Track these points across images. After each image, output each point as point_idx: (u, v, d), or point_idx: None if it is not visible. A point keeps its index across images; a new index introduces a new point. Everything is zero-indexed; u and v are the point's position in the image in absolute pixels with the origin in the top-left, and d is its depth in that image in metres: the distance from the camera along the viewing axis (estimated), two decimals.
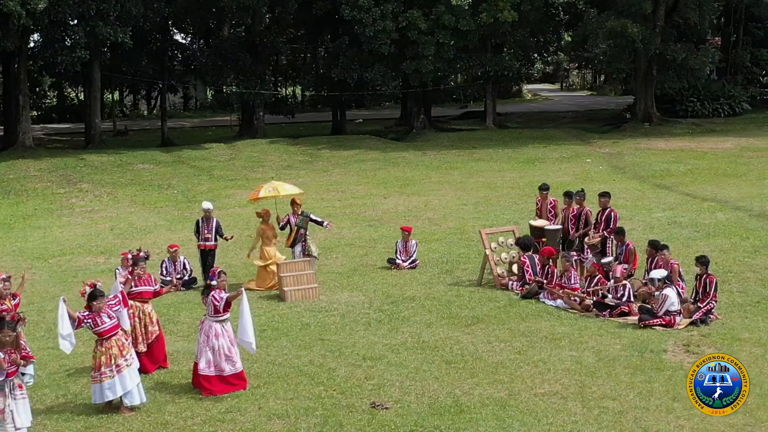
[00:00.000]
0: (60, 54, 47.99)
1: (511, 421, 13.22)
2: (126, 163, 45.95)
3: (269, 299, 20.86)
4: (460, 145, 48.97)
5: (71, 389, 15.22)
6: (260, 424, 13.41)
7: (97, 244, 27.87)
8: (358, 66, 52.74)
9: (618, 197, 30.73)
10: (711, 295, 17.64)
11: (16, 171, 43.68)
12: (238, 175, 42.20)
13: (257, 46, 54.79)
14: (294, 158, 46.94)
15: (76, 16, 47.07)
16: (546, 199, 22.07)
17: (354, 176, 40.34)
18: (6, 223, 32.52)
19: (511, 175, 37.03)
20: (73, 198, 37.11)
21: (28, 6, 43.26)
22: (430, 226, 28.40)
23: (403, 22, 50.55)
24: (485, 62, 54.81)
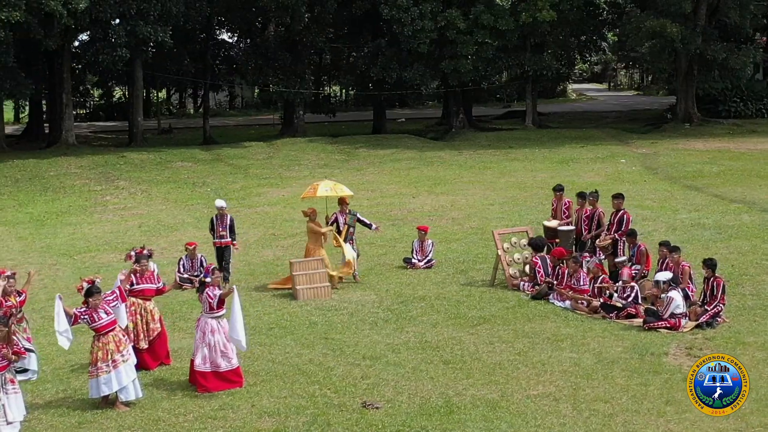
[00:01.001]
0: (101, 53, 48.58)
1: (499, 422, 13.20)
2: (165, 161, 46.41)
3: (282, 297, 20.96)
4: (497, 145, 48.82)
5: (72, 384, 15.43)
6: (250, 422, 13.52)
7: (123, 241, 28.16)
8: (397, 65, 52.80)
9: (645, 198, 30.70)
10: (718, 298, 17.46)
11: (57, 168, 44.31)
12: (273, 173, 42.43)
13: (297, 46, 55.02)
14: (331, 157, 47.10)
15: (117, 16, 47.61)
16: (561, 199, 21.99)
17: (387, 175, 40.39)
18: (39, 219, 33.00)
19: (543, 175, 36.85)
20: (108, 195, 37.56)
21: (70, 6, 43.86)
22: (452, 225, 28.39)
23: (442, 22, 50.48)
24: (524, 62, 54.60)
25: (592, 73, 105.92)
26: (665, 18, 48.55)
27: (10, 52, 45.15)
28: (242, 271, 23.74)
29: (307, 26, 52.66)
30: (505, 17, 50.32)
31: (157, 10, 48.63)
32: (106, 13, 46.86)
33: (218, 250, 23.00)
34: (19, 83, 48.03)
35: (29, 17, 43.59)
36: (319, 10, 53.03)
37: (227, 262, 23.06)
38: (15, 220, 32.94)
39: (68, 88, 52.02)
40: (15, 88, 47.97)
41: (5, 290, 15.70)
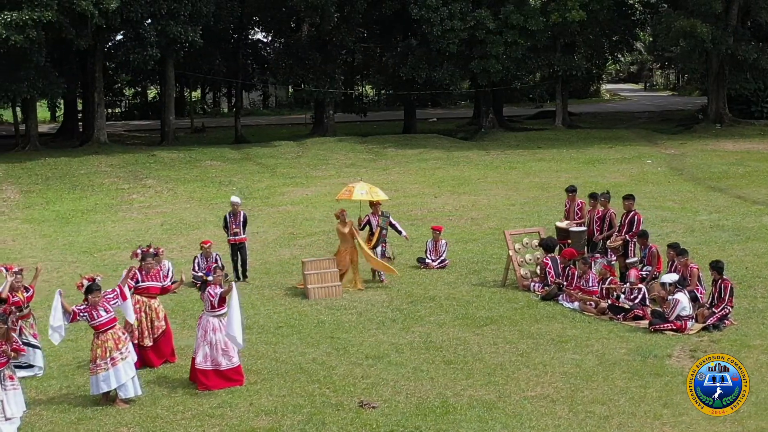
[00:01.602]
0: (132, 52, 49.01)
1: (494, 423, 13.20)
2: (195, 160, 46.73)
3: (293, 296, 21.04)
4: (525, 145, 48.72)
5: (76, 381, 15.58)
6: (246, 420, 13.60)
7: (144, 238, 28.23)
8: (426, 65, 52.84)
9: (667, 199, 30.53)
10: (726, 300, 17.33)
11: (87, 166, 44.77)
12: (300, 173, 42.56)
13: (327, 45, 55.17)
14: (359, 156, 47.19)
15: (148, 15, 47.97)
16: (574, 200, 21.90)
17: (412, 175, 40.42)
18: (65, 217, 33.33)
19: (567, 175, 36.66)
20: (134, 194, 37.87)
21: (101, 5, 44.28)
22: (470, 225, 28.37)
23: (472, 22, 50.44)
24: (554, 62, 54.38)
25: (629, 74, 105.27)
26: (696, 18, 48.15)
27: (42, 51, 45.61)
28: (258, 270, 23.83)
29: (337, 26, 52.75)
30: (534, 17, 50.20)
31: (187, 9, 49.03)
32: (137, 13, 47.30)
33: (233, 247, 23.14)
34: (51, 82, 48.50)
35: (61, 17, 44.11)
36: (349, 9, 53.17)
37: (244, 261, 23.21)
38: (41, 218, 33.31)
39: (100, 87, 52.58)
40: (47, 87, 48.42)
41: (12, 286, 15.91)
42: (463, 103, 78.78)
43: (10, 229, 31.53)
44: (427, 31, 50.83)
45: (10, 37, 42.90)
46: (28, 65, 46.34)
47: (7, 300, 15.77)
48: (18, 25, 42.91)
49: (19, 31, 43.04)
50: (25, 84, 47.09)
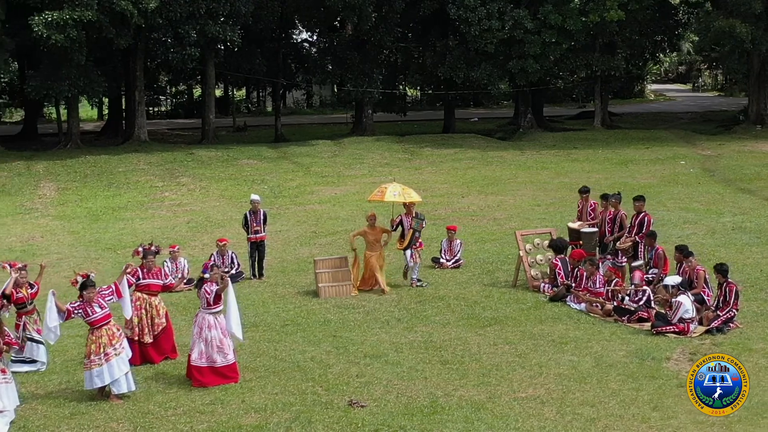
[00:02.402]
0: (171, 51, 49.51)
1: (480, 424, 13.16)
2: (232, 159, 47.04)
3: (305, 294, 21.16)
4: (562, 145, 48.47)
5: (77, 377, 15.71)
6: (235, 417, 13.68)
7: (169, 236, 28.67)
8: (464, 65, 52.77)
9: (694, 200, 30.29)
10: (731, 303, 17.14)
11: (126, 164, 45.29)
12: (334, 171, 42.71)
13: (365, 45, 55.29)
14: (394, 156, 47.22)
15: (187, 15, 48.36)
16: (587, 201, 21.78)
17: (443, 174, 40.42)
18: (95, 214, 33.78)
19: (598, 176, 36.47)
20: (167, 191, 38.25)
21: (140, 5, 44.77)
22: (492, 225, 28.30)
23: (509, 22, 50.23)
24: (592, 62, 54.00)
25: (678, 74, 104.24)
26: (735, 18, 47.55)
27: (83, 50, 46.15)
28: (274, 268, 24.00)
29: (375, 25, 52.83)
30: (573, 17, 49.85)
31: (226, 9, 49.40)
32: (176, 13, 47.69)
33: (252, 245, 23.31)
34: (92, 81, 49.09)
35: (101, 16, 44.63)
36: (387, 9, 53.25)
37: (261, 259, 23.38)
38: (73, 215, 33.80)
39: (141, 86, 53.16)
40: (88, 85, 49.02)
41: (17, 282, 16.17)
42: (506, 103, 78.54)
43: (41, 225, 32.03)
44: (465, 30, 50.78)
45: (51, 36, 43.61)
46: (70, 64, 47.00)
47: (11, 296, 16.06)
48: (59, 24, 43.59)
49: (60, 31, 43.71)
50: (67, 83, 47.77)
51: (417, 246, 21.29)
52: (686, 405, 13.55)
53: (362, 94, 54.98)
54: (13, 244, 28.88)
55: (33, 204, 36.53)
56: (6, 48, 47.24)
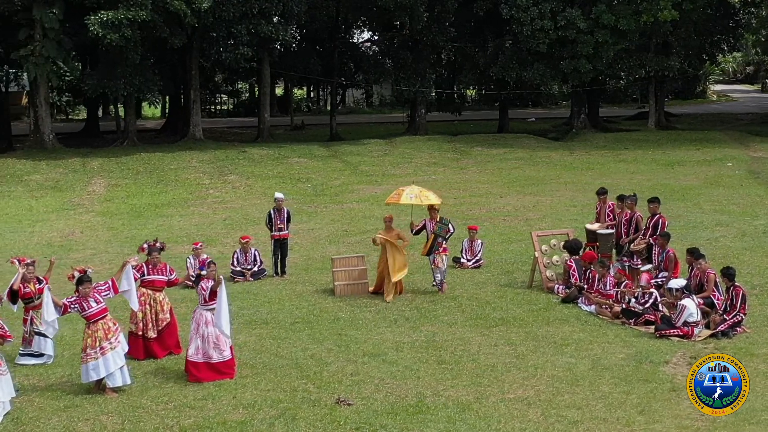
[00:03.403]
0: (225, 51, 50.03)
1: (461, 424, 13.17)
2: (283, 157, 47.34)
3: (322, 293, 21.29)
4: (612, 146, 47.99)
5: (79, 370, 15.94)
6: (223, 413, 13.83)
7: (203, 233, 29.05)
8: (516, 65, 52.53)
9: (731, 202, 29.88)
10: (738, 307, 16.89)
11: (178, 162, 45.79)
12: (380, 171, 42.81)
13: (418, 45, 55.33)
14: (443, 155, 47.14)
15: (240, 15, 48.80)
16: (605, 203, 21.58)
17: (486, 174, 40.31)
18: (138, 210, 34.30)
19: (640, 177, 36.11)
20: (212, 189, 38.65)
21: (193, 5, 45.32)
22: (522, 226, 28.13)
23: (562, 21, 49.88)
24: (646, 62, 53.37)
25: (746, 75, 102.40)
26: None
27: (138, 50, 46.82)
28: (299, 266, 24.18)
29: (428, 25, 52.83)
30: (626, 17, 49.33)
31: (278, 9, 49.78)
32: (228, 12, 48.15)
33: (276, 243, 23.47)
34: (147, 80, 49.81)
35: (155, 16, 45.22)
36: (440, 9, 53.22)
37: (284, 256, 23.58)
38: (116, 211, 34.34)
39: (196, 84, 53.72)
40: (143, 84, 49.73)
41: (25, 277, 16.54)
42: (564, 104, 77.92)
43: (83, 221, 32.60)
44: (517, 30, 50.57)
45: (107, 35, 44.30)
46: (125, 63, 47.77)
47: (18, 291, 16.43)
48: (114, 24, 44.23)
49: (115, 30, 44.36)
50: (122, 81, 48.52)
51: (440, 251, 20.57)
52: (674, 409, 13.50)
53: (415, 93, 55.03)
54: (53, 239, 29.46)
55: (81, 200, 37.17)
56: (64, 47, 48.08)
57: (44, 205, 36.19)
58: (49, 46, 47.31)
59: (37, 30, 47.39)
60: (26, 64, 48.02)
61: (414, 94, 55.14)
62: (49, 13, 46.59)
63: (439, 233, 20.56)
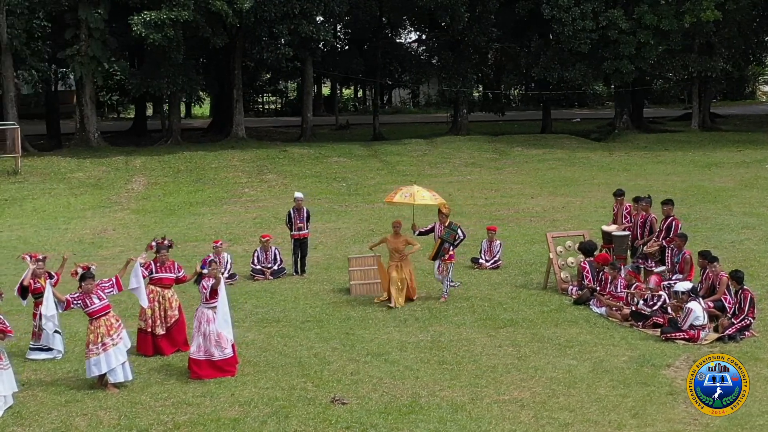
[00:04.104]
0: (266, 51, 50.38)
1: (452, 425, 13.15)
2: (323, 156, 47.55)
3: (338, 292, 21.37)
4: (653, 147, 47.62)
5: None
6: (218, 410, 13.92)
7: (231, 231, 29.30)
8: (558, 65, 52.28)
9: (762, 205, 29.67)
10: (746, 311, 16.70)
11: (219, 161, 46.20)
12: (417, 171, 42.78)
13: (459, 45, 55.29)
14: (483, 155, 47.07)
15: (281, 15, 49.10)
16: (621, 204, 21.41)
17: (521, 175, 40.18)
18: (172, 208, 34.67)
19: (676, 178, 35.80)
20: (248, 188, 38.95)
21: (235, 5, 45.69)
22: (547, 227, 27.89)
23: (604, 22, 49.56)
24: (689, 63, 52.80)
25: None
26: None
27: (180, 49, 47.33)
28: (320, 265, 24.30)
29: (469, 25, 52.77)
30: (668, 17, 48.86)
31: (320, 9, 50.03)
32: (270, 12, 48.48)
33: (296, 242, 23.65)
34: (190, 79, 50.36)
35: (197, 16, 45.66)
36: (481, 9, 53.14)
37: (304, 256, 23.74)
38: (151, 209, 34.75)
39: (239, 84, 54.15)
40: (186, 84, 50.26)
41: (35, 273, 16.82)
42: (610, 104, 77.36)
43: (117, 218, 33.04)
44: (559, 31, 50.33)
45: (149, 35, 44.85)
46: (168, 62, 48.33)
47: (29, 287, 16.72)
48: (156, 24, 44.77)
49: (158, 30, 44.90)
50: (165, 81, 49.13)
51: (446, 258, 20.01)
52: (668, 413, 13.40)
53: (457, 93, 55.01)
54: (85, 236, 29.90)
55: (119, 198, 37.65)
56: (109, 47, 48.73)
57: (82, 203, 36.71)
58: (95, 46, 48.06)
59: (82, 30, 48.19)
60: (72, 64, 48.80)
61: (456, 94, 55.12)
62: (95, 13, 47.32)
63: (446, 239, 20.01)
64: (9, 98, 48.34)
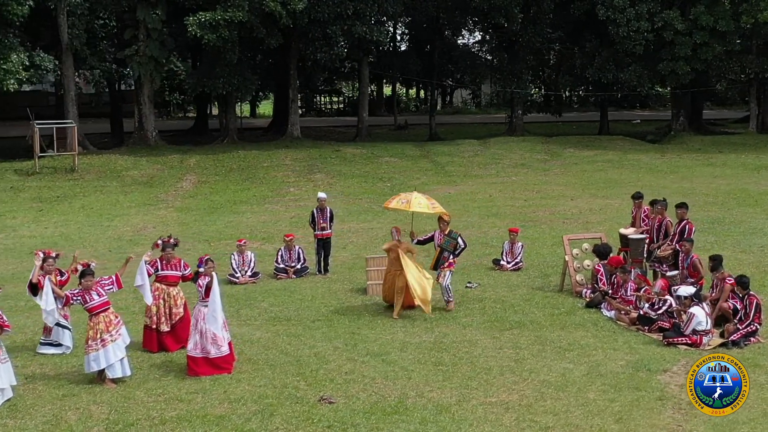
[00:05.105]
0: (319, 51, 50.70)
1: (432, 425, 13.12)
2: (375, 156, 47.73)
3: (355, 291, 21.46)
4: (707, 149, 46.97)
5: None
6: (207, 407, 14.05)
7: (265, 230, 29.56)
8: (613, 66, 51.77)
9: None
10: (752, 317, 16.44)
11: (272, 160, 46.65)
12: (464, 171, 42.82)
13: (514, 45, 55.06)
14: (533, 157, 46.86)
15: (335, 16, 49.35)
16: (640, 207, 21.13)
17: (567, 176, 39.92)
18: (214, 206, 35.08)
19: (721, 181, 35.26)
20: (292, 187, 39.27)
21: (289, 6, 46.06)
22: (578, 229, 27.64)
23: (659, 23, 48.94)
24: (746, 64, 51.88)
25: None
26: None
27: (235, 49, 47.89)
28: (345, 265, 24.44)
29: (524, 26, 52.53)
30: (725, 18, 48.09)
31: (373, 10, 50.22)
32: (323, 13, 48.76)
33: (319, 241, 23.85)
34: (246, 79, 50.88)
35: (252, 17, 46.11)
36: (536, 10, 52.87)
37: (327, 255, 23.91)
38: (194, 207, 35.21)
39: (294, 84, 54.67)
40: (242, 83, 50.79)
41: (46, 270, 17.17)
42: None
43: (159, 216, 33.55)
44: (613, 32, 49.82)
45: (204, 36, 45.47)
46: (223, 63, 48.90)
47: (38, 284, 17.07)
48: (211, 24, 45.38)
49: (213, 31, 45.51)
50: (221, 80, 49.71)
51: (446, 266, 19.45)
52: (654, 419, 13.26)
53: (512, 94, 54.82)
54: (125, 234, 30.42)
55: (166, 196, 38.22)
56: (167, 47, 49.46)
57: (130, 201, 37.33)
58: (153, 46, 48.84)
59: (141, 30, 48.97)
60: (131, 64, 49.64)
61: (510, 94, 54.93)
62: (153, 14, 48.05)
63: (446, 247, 19.50)
64: (70, 97, 49.30)
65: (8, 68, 42.07)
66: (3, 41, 42.53)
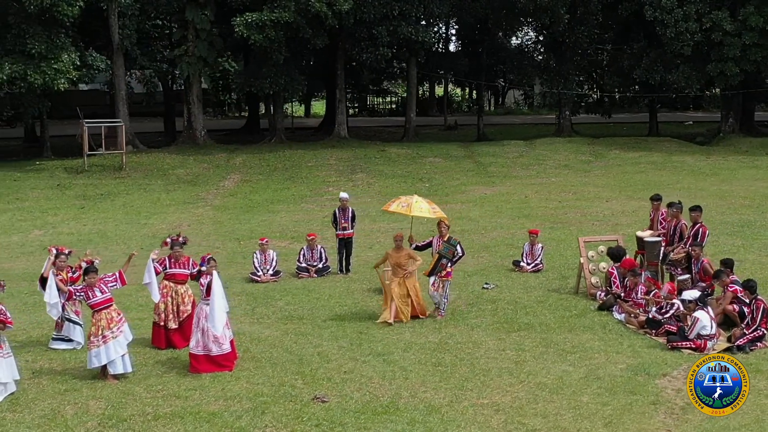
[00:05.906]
0: (365, 52, 50.87)
1: (420, 426, 13.14)
2: (419, 156, 47.76)
3: (373, 291, 21.48)
4: (754, 152, 46.26)
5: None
6: (203, 404, 14.20)
7: (294, 230, 29.71)
8: (661, 67, 51.21)
9: None
10: (758, 321, 16.24)
11: (316, 159, 46.92)
12: (505, 172, 42.63)
13: (561, 46, 54.75)
14: (578, 158, 46.50)
15: (380, 17, 49.48)
16: (658, 210, 20.91)
17: (607, 178, 39.59)
18: (251, 205, 35.37)
19: (761, 184, 34.77)
20: (331, 187, 39.35)
21: (334, 7, 46.30)
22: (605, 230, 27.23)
23: (707, 23, 48.30)
24: None
25: None
26: None
27: (281, 50, 48.24)
28: (368, 264, 24.33)
29: (571, 27, 52.23)
30: None
31: (419, 11, 50.28)
32: (369, 14, 48.91)
33: (341, 241, 23.99)
34: (293, 79, 51.22)
35: (298, 17, 46.40)
36: (582, 11, 52.53)
37: (348, 255, 24.05)
38: (231, 206, 35.52)
39: (341, 84, 54.95)
40: (289, 84, 51.13)
41: (58, 266, 17.51)
42: None
43: (196, 214, 33.90)
44: (661, 32, 49.27)
45: (251, 36, 45.91)
46: (270, 63, 49.31)
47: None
48: (258, 25, 45.78)
49: (259, 31, 45.93)
50: (268, 80, 50.11)
51: (443, 275, 18.92)
52: (644, 423, 13.18)
53: (559, 94, 54.55)
54: (159, 231, 30.66)
55: (207, 194, 38.60)
56: (215, 47, 49.99)
57: (171, 199, 37.76)
58: (201, 46, 49.44)
59: (190, 31, 49.57)
60: (180, 63, 50.26)
61: (558, 95, 54.65)
62: (201, 15, 48.61)
63: (444, 254, 19.04)
64: (120, 96, 50.07)
65: (59, 68, 42.75)
66: (54, 41, 43.24)
